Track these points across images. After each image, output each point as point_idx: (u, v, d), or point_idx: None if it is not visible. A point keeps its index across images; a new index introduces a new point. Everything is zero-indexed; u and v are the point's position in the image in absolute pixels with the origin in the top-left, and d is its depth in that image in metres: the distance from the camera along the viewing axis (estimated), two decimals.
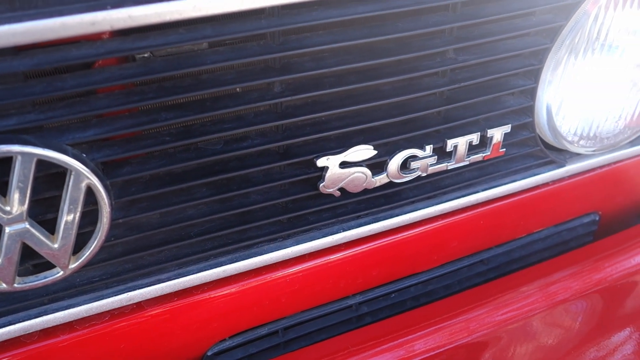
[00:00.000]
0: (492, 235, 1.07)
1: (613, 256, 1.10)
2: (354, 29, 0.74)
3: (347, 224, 0.89)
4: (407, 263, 1.00)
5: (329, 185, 0.82)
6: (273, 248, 0.85)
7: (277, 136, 0.77)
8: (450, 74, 0.83)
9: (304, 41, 0.71)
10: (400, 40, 0.78)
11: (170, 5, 0.59)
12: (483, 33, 0.82)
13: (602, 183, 1.11)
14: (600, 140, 1.01)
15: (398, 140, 0.84)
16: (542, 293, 1.03)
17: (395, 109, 0.82)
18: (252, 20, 0.67)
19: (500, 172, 0.97)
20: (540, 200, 1.05)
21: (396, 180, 0.86)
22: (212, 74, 0.70)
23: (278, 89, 0.74)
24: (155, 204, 0.75)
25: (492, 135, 0.89)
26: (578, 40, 0.87)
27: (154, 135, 0.70)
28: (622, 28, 0.89)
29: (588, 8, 0.84)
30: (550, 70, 0.89)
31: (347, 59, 0.75)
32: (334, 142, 0.80)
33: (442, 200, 0.94)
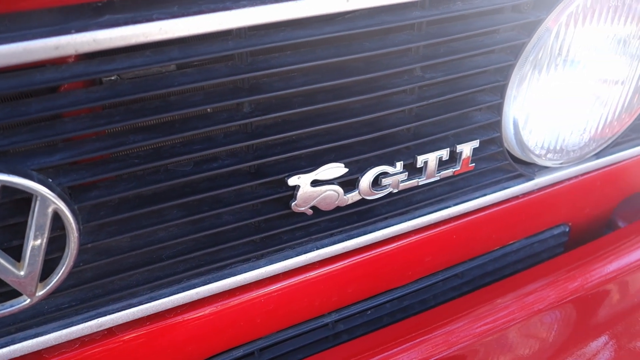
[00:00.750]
0: (466, 249, 1.08)
1: (584, 266, 1.11)
2: (322, 48, 0.75)
3: (320, 242, 0.89)
4: (382, 279, 1.00)
5: (301, 204, 0.82)
6: (246, 268, 0.85)
7: (247, 156, 0.77)
8: (418, 91, 0.85)
9: (272, 61, 0.71)
10: (368, 59, 0.79)
11: (135, 28, 0.59)
12: (449, 51, 0.83)
13: (570, 195, 1.13)
14: (567, 153, 1.03)
15: (369, 158, 0.85)
16: (517, 304, 1.04)
17: (365, 126, 0.83)
18: (219, 41, 0.67)
19: (470, 186, 0.98)
20: (511, 213, 1.07)
21: (368, 197, 0.86)
22: (180, 96, 0.70)
23: (247, 109, 0.74)
24: (125, 227, 0.74)
25: (462, 150, 0.90)
26: (541, 56, 0.89)
27: (122, 158, 0.70)
28: (582, 44, 0.92)
29: (550, 25, 0.87)
30: (516, 85, 0.90)
31: (315, 79, 0.75)
32: (304, 161, 0.81)
33: (414, 215, 0.95)
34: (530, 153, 0.99)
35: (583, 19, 0.88)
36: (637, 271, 1.13)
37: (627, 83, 1.00)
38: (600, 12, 0.89)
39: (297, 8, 0.66)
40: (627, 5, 0.90)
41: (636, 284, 1.12)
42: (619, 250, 1.15)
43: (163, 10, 0.61)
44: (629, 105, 1.03)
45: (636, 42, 0.95)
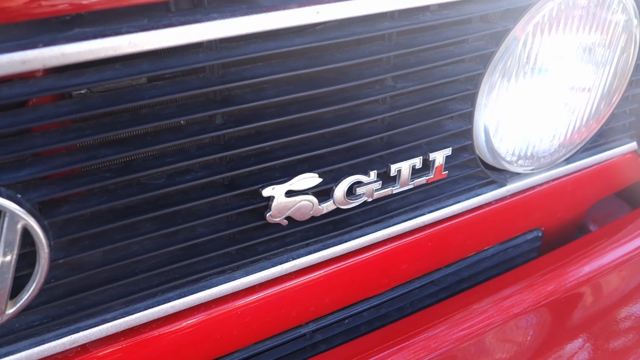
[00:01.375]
0: (441, 255, 1.09)
1: (558, 270, 1.13)
2: (294, 60, 0.75)
3: (296, 253, 0.89)
4: (358, 288, 1.01)
5: (276, 214, 0.82)
6: (222, 280, 0.84)
7: (221, 168, 0.77)
8: (390, 101, 0.86)
9: (243, 73, 0.72)
10: (340, 70, 0.79)
11: (105, 42, 0.59)
12: (419, 61, 0.84)
13: (542, 200, 1.15)
14: (538, 159, 1.05)
15: (342, 167, 0.85)
16: (493, 309, 1.05)
17: (338, 136, 0.83)
18: (190, 54, 0.67)
19: (444, 193, 0.99)
20: (485, 219, 1.08)
21: (343, 206, 0.87)
22: (151, 109, 0.70)
23: (220, 121, 0.74)
24: (98, 242, 0.73)
25: (434, 158, 0.92)
26: (510, 65, 0.91)
27: (93, 172, 0.69)
28: (550, 52, 0.94)
29: (517, 34, 0.89)
30: (486, 94, 0.92)
31: (287, 90, 0.76)
32: (278, 172, 0.81)
33: (389, 224, 0.96)
34: (502, 160, 1.00)
35: (549, 28, 0.90)
36: (609, 273, 1.15)
37: (593, 90, 1.02)
38: (565, 22, 0.91)
39: (267, 20, 0.66)
40: (591, 14, 0.93)
41: (609, 286, 1.14)
42: (591, 253, 1.17)
43: (133, 23, 0.61)
44: (596, 111, 1.05)
45: (601, 50, 0.98)
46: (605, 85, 1.03)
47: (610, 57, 1.00)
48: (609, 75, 1.02)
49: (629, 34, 0.99)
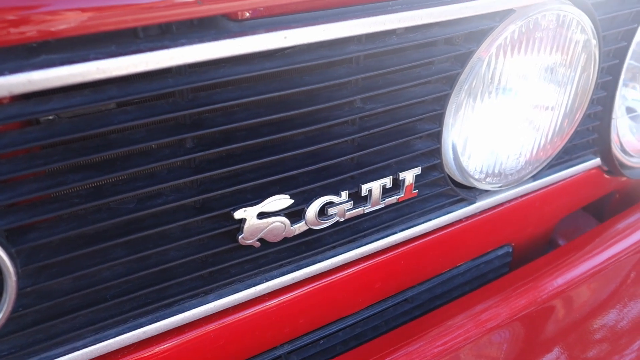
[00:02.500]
0: (414, 273, 1.10)
1: (529, 284, 1.15)
2: (264, 83, 0.76)
3: (269, 274, 0.89)
4: (333, 308, 1.01)
5: (248, 236, 0.82)
6: (195, 304, 0.84)
7: (192, 191, 0.77)
8: (360, 122, 0.87)
9: (213, 97, 0.72)
10: (309, 92, 0.81)
11: (72, 68, 0.59)
12: (387, 82, 0.86)
13: (511, 216, 1.18)
14: (505, 176, 1.08)
15: (314, 188, 0.86)
16: (467, 325, 1.06)
17: (309, 157, 0.84)
18: (159, 79, 0.67)
19: (415, 212, 1.01)
20: (456, 236, 1.10)
21: (315, 227, 0.88)
22: (121, 133, 0.70)
23: (190, 144, 0.74)
24: (67, 268, 0.72)
25: (404, 177, 0.93)
26: (475, 85, 0.93)
27: (62, 198, 0.69)
28: (513, 72, 0.97)
29: (481, 55, 0.91)
30: (453, 113, 0.94)
31: (257, 113, 0.77)
32: (250, 194, 0.81)
33: (362, 243, 0.96)
34: (470, 177, 1.02)
35: (512, 49, 0.93)
36: (580, 286, 1.17)
37: (557, 108, 1.05)
38: (527, 43, 0.94)
39: (235, 45, 0.67)
40: (551, 36, 0.96)
41: (580, 298, 1.16)
42: (561, 267, 1.19)
43: (100, 49, 0.61)
44: (560, 129, 1.08)
45: (562, 70, 1.01)
46: (568, 103, 1.06)
47: (571, 76, 1.03)
48: (571, 93, 1.05)
49: (588, 53, 1.02)
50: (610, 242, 1.26)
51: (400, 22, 0.79)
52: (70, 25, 0.57)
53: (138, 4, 0.60)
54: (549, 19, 0.94)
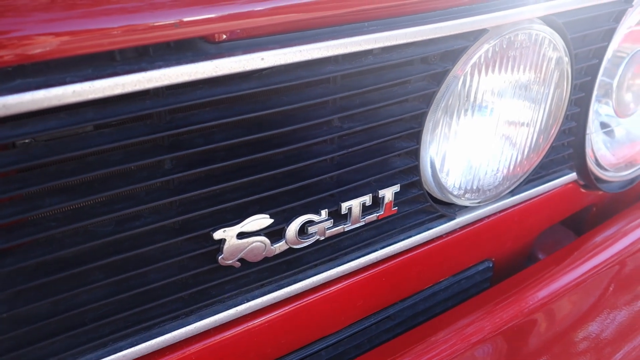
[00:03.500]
0: (396, 290, 1.11)
1: (510, 298, 1.16)
2: (241, 104, 0.77)
3: (250, 294, 0.89)
4: (315, 327, 1.01)
5: (228, 257, 0.82)
6: (176, 326, 0.83)
7: (171, 212, 0.77)
8: (338, 141, 0.88)
9: (191, 118, 0.73)
10: (287, 112, 0.81)
11: (48, 92, 0.59)
12: (365, 102, 0.87)
13: (491, 231, 1.19)
14: (484, 192, 1.09)
15: (294, 207, 0.86)
16: (450, 341, 1.06)
17: (288, 177, 0.85)
18: (136, 101, 0.68)
19: (395, 229, 1.01)
20: (437, 252, 1.10)
21: (295, 246, 0.88)
22: (99, 156, 0.70)
23: (169, 165, 0.74)
24: (45, 293, 0.71)
25: (384, 195, 0.94)
26: (451, 103, 0.95)
27: (38, 222, 0.68)
28: (488, 90, 0.99)
29: (456, 74, 0.93)
30: (430, 131, 0.96)
31: (236, 133, 0.77)
32: (230, 214, 0.81)
33: (343, 261, 0.97)
34: (449, 194, 1.03)
35: (486, 68, 0.95)
36: (561, 299, 1.18)
37: (532, 125, 1.07)
38: (501, 62, 0.96)
39: (213, 67, 0.68)
40: (524, 54, 0.98)
41: (562, 311, 1.17)
42: (541, 280, 1.21)
43: (77, 73, 0.62)
44: (536, 145, 1.10)
45: (536, 87, 1.03)
46: (543, 120, 1.08)
47: (545, 93, 1.05)
48: (545, 110, 1.07)
49: (561, 71, 1.05)
50: (589, 254, 1.28)
51: (376, 42, 0.80)
52: (45, 49, 0.57)
53: (114, 27, 0.60)
54: (521, 38, 0.96)
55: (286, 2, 0.73)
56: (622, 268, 1.27)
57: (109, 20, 0.60)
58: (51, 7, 0.58)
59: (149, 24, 0.63)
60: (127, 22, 0.61)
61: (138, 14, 0.62)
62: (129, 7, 0.62)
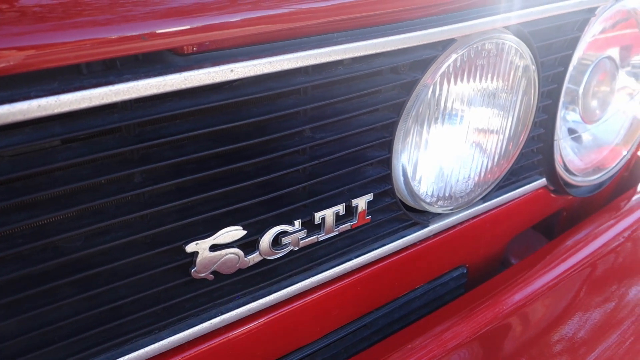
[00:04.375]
0: (371, 299, 1.11)
1: (485, 303, 1.17)
2: (212, 115, 0.77)
3: (225, 307, 0.88)
4: (291, 338, 1.00)
5: (201, 270, 0.81)
6: (148, 341, 0.82)
7: (142, 226, 0.76)
8: (310, 151, 0.88)
9: (161, 131, 0.72)
10: (258, 124, 0.81)
11: (12, 107, 0.58)
12: (336, 112, 0.88)
13: (464, 238, 1.20)
14: (456, 199, 1.10)
15: (267, 218, 0.86)
16: (427, 347, 1.07)
17: (261, 188, 0.85)
18: (104, 114, 0.67)
19: (369, 238, 1.02)
20: (411, 260, 1.11)
21: (269, 257, 0.87)
22: (66, 170, 0.69)
23: (139, 179, 0.73)
24: (12, 311, 0.70)
25: (357, 204, 0.94)
26: (421, 112, 0.96)
27: (4, 239, 0.67)
28: (458, 98, 1.00)
29: (426, 83, 0.94)
30: (401, 140, 0.96)
31: (207, 145, 0.77)
32: (202, 227, 0.81)
33: (317, 271, 0.97)
34: (422, 202, 1.04)
35: (455, 77, 0.97)
36: (534, 302, 1.20)
37: (501, 132, 1.09)
38: (469, 71, 0.98)
39: (182, 80, 0.68)
40: (492, 63, 1.00)
41: (537, 314, 1.19)
42: (515, 285, 1.22)
43: (43, 87, 0.61)
44: (506, 152, 1.12)
45: (504, 95, 1.05)
46: (512, 127, 1.10)
47: (513, 101, 1.07)
48: (514, 117, 1.09)
49: (528, 78, 1.07)
50: (561, 258, 1.30)
51: (346, 53, 0.80)
52: (9, 63, 0.56)
53: (80, 40, 0.60)
54: (489, 47, 0.98)
55: (255, 14, 0.73)
56: (594, 270, 1.30)
57: (74, 33, 0.59)
58: (15, 20, 0.57)
59: (116, 37, 0.62)
60: (93, 36, 0.60)
61: (104, 27, 0.61)
62: (95, 20, 0.61)
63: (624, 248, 1.38)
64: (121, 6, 0.63)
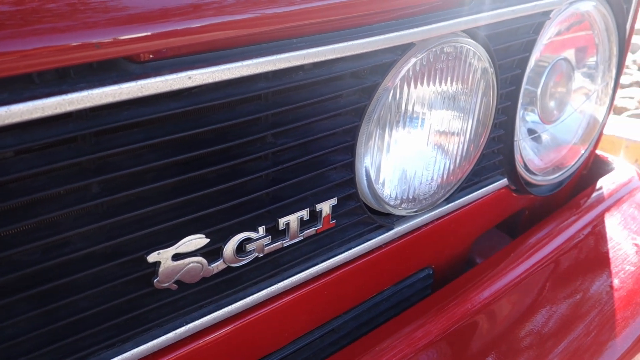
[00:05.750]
0: (339, 303, 1.11)
1: (452, 302, 1.19)
2: (171, 123, 0.76)
3: (189, 316, 0.87)
4: (258, 345, 1.00)
5: (164, 280, 0.80)
6: (111, 355, 0.80)
7: (101, 237, 0.75)
8: (273, 157, 0.88)
9: (118, 140, 0.71)
10: (219, 130, 0.81)
11: None
12: (297, 117, 0.88)
13: (429, 239, 1.21)
14: (420, 201, 1.11)
15: (230, 226, 0.85)
16: (396, 348, 1.08)
17: (223, 195, 0.84)
18: (58, 124, 0.66)
19: (335, 242, 1.02)
20: (377, 262, 1.12)
21: (234, 264, 0.87)
22: (20, 182, 0.67)
23: (96, 189, 0.72)
24: None
25: (321, 209, 0.94)
26: (383, 115, 0.97)
27: None
28: (419, 102, 1.01)
29: (387, 86, 0.95)
30: (364, 144, 0.97)
31: (166, 153, 0.76)
32: (163, 236, 0.79)
33: (283, 277, 0.96)
34: (386, 204, 1.05)
35: (415, 80, 0.98)
36: (501, 299, 1.22)
37: (462, 134, 1.11)
38: (429, 74, 0.99)
39: (138, 88, 0.67)
40: (450, 67, 1.02)
41: (503, 311, 1.21)
42: (481, 284, 1.24)
43: None
44: (467, 153, 1.14)
45: (464, 98, 1.07)
46: (472, 128, 1.11)
47: (473, 102, 1.09)
48: (474, 119, 1.11)
49: (486, 81, 1.09)
50: (525, 256, 1.33)
51: (305, 58, 0.81)
52: None
53: (30, 49, 0.58)
54: (447, 50, 1.00)
55: (212, 20, 0.72)
56: (557, 266, 1.33)
57: (24, 42, 0.58)
58: None
59: (68, 45, 0.61)
60: (44, 44, 0.59)
61: (56, 35, 0.60)
62: (46, 28, 0.60)
63: (585, 243, 1.42)
64: (73, 14, 0.62)
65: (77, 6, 0.62)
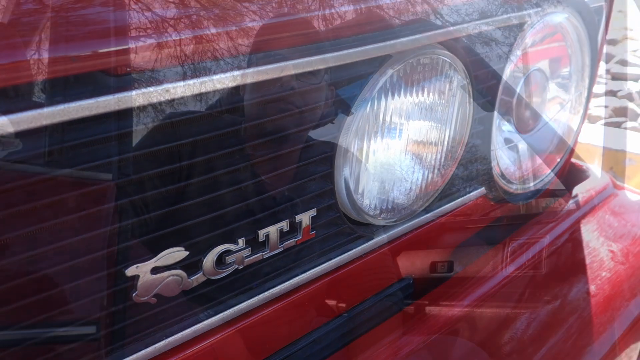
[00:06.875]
0: (319, 313, 1.11)
1: (433, 311, 1.20)
2: (149, 136, 0.75)
3: (169, 330, 0.86)
4: (238, 358, 0.99)
5: (143, 293, 0.79)
6: None
7: (79, 251, 0.74)
8: (251, 169, 0.88)
9: (96, 154, 0.70)
10: (198, 143, 0.81)
11: None
12: (276, 128, 0.88)
13: (409, 249, 1.22)
14: (399, 211, 1.12)
15: (209, 238, 0.85)
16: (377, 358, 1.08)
17: (202, 208, 0.84)
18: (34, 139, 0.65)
19: (315, 253, 1.02)
20: (357, 273, 1.12)
21: (213, 277, 0.86)
22: None
23: (73, 203, 0.71)
24: None
25: (301, 220, 0.95)
26: (361, 126, 0.98)
27: None
28: (396, 113, 1.03)
29: (365, 98, 0.96)
30: (342, 155, 0.98)
31: (144, 166, 0.75)
32: (142, 249, 0.79)
33: (264, 288, 0.96)
34: (365, 215, 1.06)
35: (392, 91, 0.99)
36: (480, 307, 1.24)
37: (440, 144, 1.12)
38: (406, 85, 1.01)
39: (115, 101, 0.67)
40: (427, 78, 1.03)
41: (483, 318, 1.22)
42: (461, 292, 1.25)
43: None
44: (445, 163, 1.15)
45: (440, 108, 1.08)
46: (449, 139, 1.13)
47: (450, 113, 1.11)
48: (451, 129, 1.12)
49: (463, 92, 1.11)
50: (504, 263, 1.35)
51: (283, 71, 0.81)
52: None
53: (5, 63, 0.58)
54: (424, 62, 1.01)
55: (192, 33, 0.73)
56: (536, 272, 1.35)
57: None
58: None
59: (45, 59, 0.61)
60: (19, 58, 0.59)
61: (31, 49, 0.60)
62: (21, 42, 0.60)
63: (563, 250, 1.45)
64: (50, 27, 0.62)
65: (54, 19, 0.62)
